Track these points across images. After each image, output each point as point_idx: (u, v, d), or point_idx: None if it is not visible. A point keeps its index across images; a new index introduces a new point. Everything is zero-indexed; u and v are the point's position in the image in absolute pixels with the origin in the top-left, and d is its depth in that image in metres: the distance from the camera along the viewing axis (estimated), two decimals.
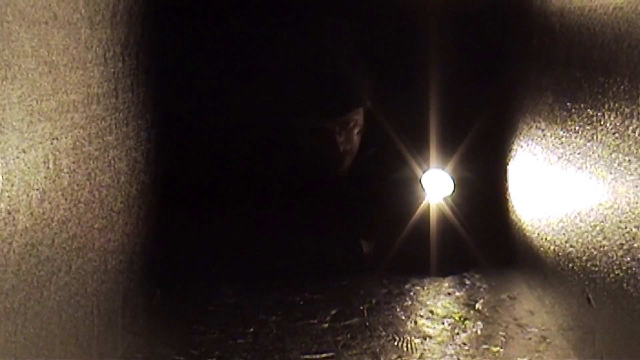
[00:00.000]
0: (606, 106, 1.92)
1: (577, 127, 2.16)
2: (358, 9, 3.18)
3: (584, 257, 2.11)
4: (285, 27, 3.11)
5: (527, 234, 2.77)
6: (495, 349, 2.33)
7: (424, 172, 3.12)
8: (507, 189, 3.04)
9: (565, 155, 2.27)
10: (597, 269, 2.00)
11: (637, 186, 1.73)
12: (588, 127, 2.06)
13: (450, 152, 3.11)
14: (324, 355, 2.32)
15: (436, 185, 3.10)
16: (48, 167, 1.67)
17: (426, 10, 3.19)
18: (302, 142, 3.07)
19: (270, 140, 3.10)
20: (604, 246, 1.95)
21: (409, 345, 2.37)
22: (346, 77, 3.03)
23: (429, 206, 3.08)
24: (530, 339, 2.40)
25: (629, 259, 1.78)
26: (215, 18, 3.16)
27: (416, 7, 3.19)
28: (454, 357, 2.29)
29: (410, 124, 3.13)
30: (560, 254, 2.35)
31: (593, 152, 2.02)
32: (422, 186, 3.10)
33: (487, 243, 3.04)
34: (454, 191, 3.10)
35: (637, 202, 1.73)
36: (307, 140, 3.06)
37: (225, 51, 3.15)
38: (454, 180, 3.10)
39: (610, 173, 1.89)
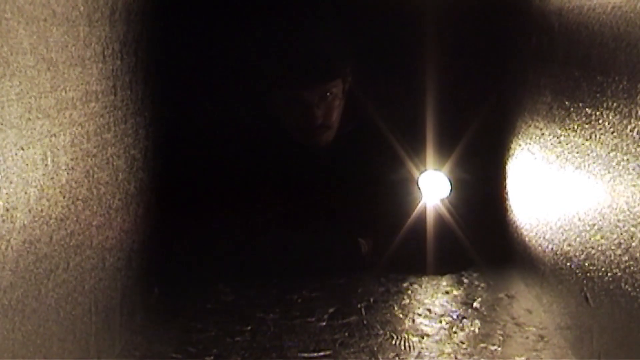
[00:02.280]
0: (605, 105, 1.92)
1: (575, 126, 2.16)
2: (356, 7, 3.18)
3: (582, 256, 2.11)
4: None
5: (525, 233, 2.77)
6: (493, 348, 2.34)
7: (420, 173, 3.11)
8: (505, 189, 3.04)
9: (564, 155, 2.27)
10: (595, 268, 2.00)
11: (635, 185, 1.73)
12: (587, 126, 2.06)
13: (447, 153, 3.11)
14: (322, 353, 2.32)
15: (433, 187, 3.10)
16: (46, 165, 1.67)
17: (423, 9, 3.19)
18: (281, 112, 3.08)
19: (253, 113, 3.11)
20: (602, 245, 1.95)
21: (407, 344, 2.37)
22: (324, 47, 3.02)
23: (425, 208, 3.08)
24: (528, 337, 2.40)
25: (627, 258, 1.78)
26: (213, 16, 3.16)
27: (413, 6, 3.18)
28: (452, 355, 2.29)
29: (406, 125, 3.13)
30: (558, 253, 2.35)
31: (591, 151, 2.02)
32: (419, 187, 3.10)
33: (484, 243, 3.04)
34: (451, 192, 3.10)
35: (635, 201, 1.73)
36: (285, 111, 3.06)
37: (223, 48, 3.15)
38: (451, 182, 3.10)
39: (609, 172, 1.89)
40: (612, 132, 1.87)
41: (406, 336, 2.42)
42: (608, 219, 1.90)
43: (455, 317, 2.57)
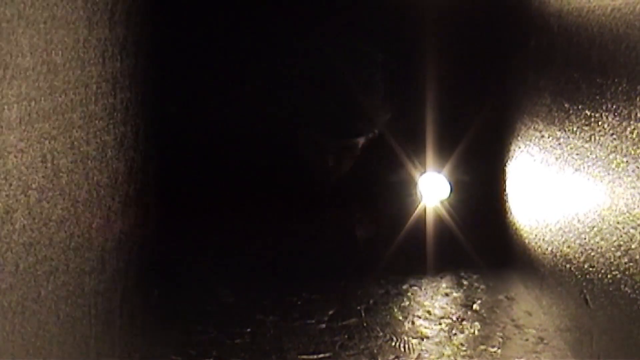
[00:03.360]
0: (604, 107, 1.92)
1: (575, 128, 2.16)
2: (357, 8, 3.18)
3: (582, 258, 2.11)
4: (308, 45, 3.14)
5: (525, 235, 2.77)
6: (492, 350, 2.34)
7: (420, 175, 3.12)
8: (504, 191, 3.04)
9: (563, 157, 2.27)
10: (594, 270, 2.00)
11: (634, 187, 1.73)
12: (586, 128, 2.06)
13: (447, 155, 3.11)
14: (322, 355, 2.32)
15: (433, 188, 3.11)
16: (46, 167, 1.66)
17: (423, 11, 3.19)
18: (306, 153, 3.12)
19: (274, 146, 3.14)
20: (601, 247, 1.95)
21: (407, 346, 2.37)
22: (362, 105, 3.07)
23: (425, 209, 3.09)
24: (527, 339, 2.40)
25: (626, 260, 1.78)
26: (213, 19, 3.16)
27: (414, 8, 3.18)
28: (451, 357, 2.29)
29: (406, 127, 3.14)
30: (557, 255, 2.35)
31: (591, 153, 2.02)
32: (418, 189, 3.10)
33: (484, 245, 3.04)
34: (450, 194, 3.10)
35: (634, 203, 1.73)
36: (312, 154, 3.10)
37: (223, 51, 3.15)
38: (450, 184, 3.10)
39: (608, 174, 1.89)
40: (612, 134, 1.87)
41: (406, 338, 2.42)
42: (607, 220, 1.90)
43: (454, 319, 2.57)
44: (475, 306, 2.67)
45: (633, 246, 1.74)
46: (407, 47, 3.19)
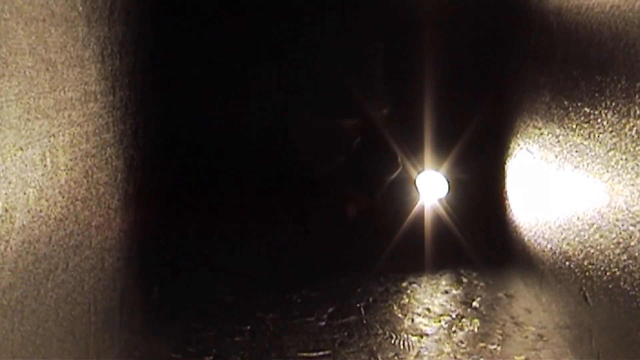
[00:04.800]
0: (603, 104, 1.92)
1: (574, 126, 2.16)
2: (357, 6, 3.18)
3: (581, 256, 2.11)
4: (307, 33, 3.13)
5: (524, 232, 2.77)
6: (492, 347, 2.34)
7: (418, 173, 3.12)
8: (504, 188, 3.04)
9: (562, 154, 2.27)
10: (593, 267, 2.01)
11: (633, 184, 1.73)
12: (585, 126, 2.06)
13: (445, 153, 3.11)
14: (321, 353, 2.32)
15: (431, 187, 3.11)
16: (45, 165, 1.67)
17: (422, 9, 3.19)
18: (301, 136, 3.10)
19: (274, 145, 3.14)
20: (600, 244, 1.95)
21: (406, 343, 2.37)
22: (356, 88, 3.07)
23: (423, 207, 3.09)
24: (527, 337, 2.40)
25: (625, 257, 1.78)
26: (213, 16, 3.15)
27: (413, 6, 3.18)
28: (451, 355, 2.29)
29: (405, 125, 3.14)
30: (557, 252, 2.36)
31: (590, 151, 2.03)
32: (417, 187, 3.10)
33: (483, 242, 3.04)
34: (448, 192, 3.10)
35: (634, 201, 1.73)
36: (305, 136, 3.09)
37: (223, 49, 3.15)
38: (448, 182, 3.10)
39: (607, 171, 1.89)
40: (611, 132, 1.87)
41: (405, 336, 2.42)
42: (607, 218, 1.90)
43: (454, 316, 2.57)
44: (474, 304, 2.67)
45: (632, 243, 1.74)
46: (405, 44, 3.18)
